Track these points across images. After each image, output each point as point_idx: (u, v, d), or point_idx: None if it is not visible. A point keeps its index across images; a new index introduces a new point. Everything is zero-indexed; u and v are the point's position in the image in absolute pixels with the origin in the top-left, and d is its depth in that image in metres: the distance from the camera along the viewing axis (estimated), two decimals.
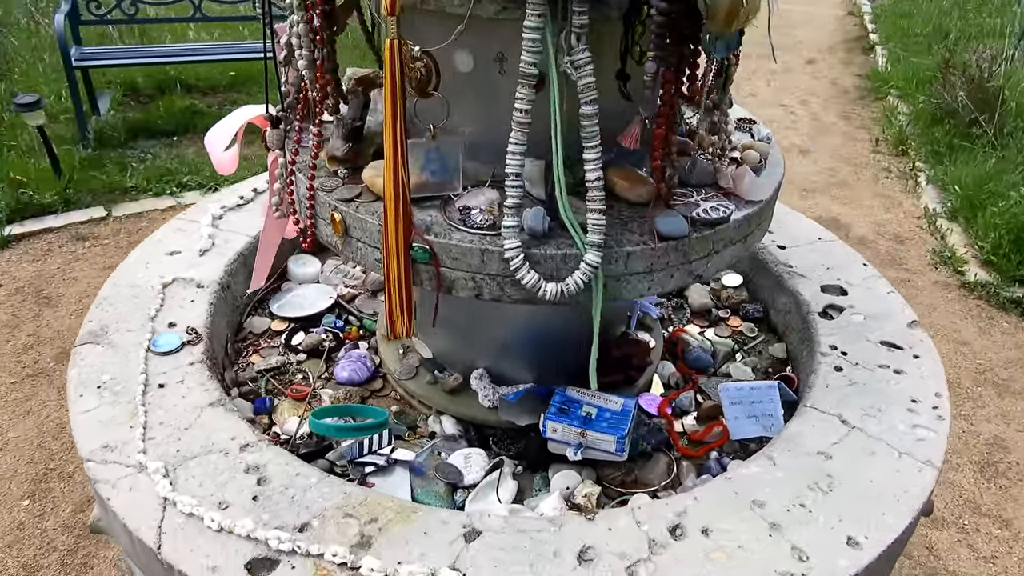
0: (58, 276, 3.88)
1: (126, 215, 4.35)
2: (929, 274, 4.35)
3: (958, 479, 3.00)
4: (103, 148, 4.81)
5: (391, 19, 1.22)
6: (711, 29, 1.21)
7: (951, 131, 5.51)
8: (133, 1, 4.89)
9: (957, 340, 3.82)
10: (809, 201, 5.05)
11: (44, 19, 6.18)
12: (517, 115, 1.26)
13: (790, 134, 5.99)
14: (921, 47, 7.01)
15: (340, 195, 1.44)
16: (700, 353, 2.00)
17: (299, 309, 2.05)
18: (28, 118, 4.18)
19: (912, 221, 4.90)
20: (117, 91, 5.45)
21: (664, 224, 1.37)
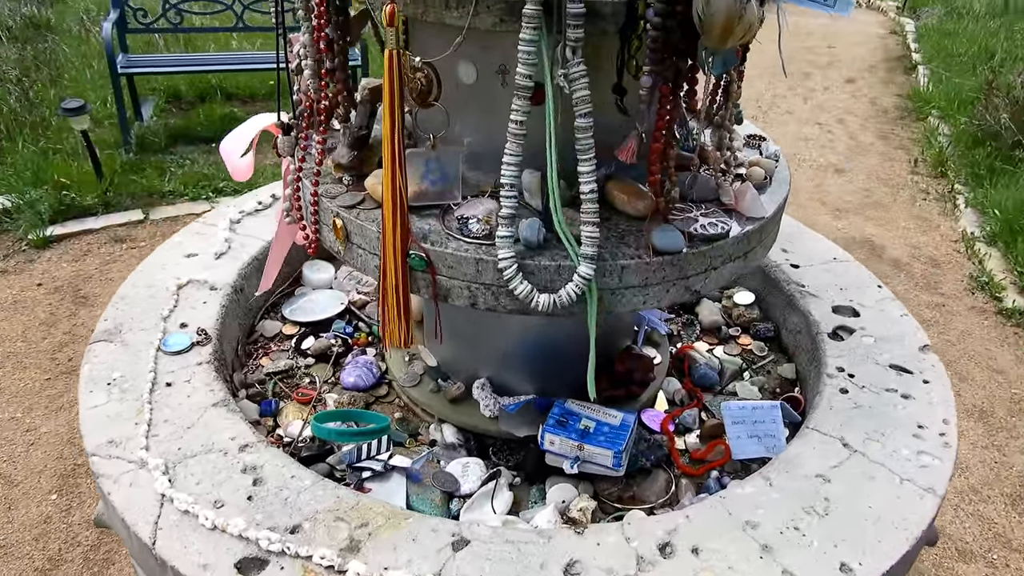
0: (95, 276, 4.00)
1: (163, 218, 4.47)
2: (965, 299, 4.24)
3: (988, 511, 2.90)
4: (144, 153, 4.95)
5: (390, 30, 1.25)
6: (707, 45, 1.21)
7: (992, 153, 5.38)
8: (178, 11, 5.06)
9: (992, 368, 3.71)
10: (842, 221, 4.97)
11: (94, 27, 6.42)
12: (512, 127, 1.27)
13: (826, 152, 5.90)
14: (965, 67, 6.86)
15: (342, 202, 1.47)
16: (707, 371, 1.98)
17: (310, 314, 2.08)
18: (73, 122, 4.34)
19: (949, 244, 4.78)
20: (160, 98, 5.63)
21: (660, 239, 1.37)
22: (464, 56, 1.44)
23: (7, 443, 2.83)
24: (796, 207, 5.08)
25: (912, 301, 4.13)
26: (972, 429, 3.30)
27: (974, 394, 3.49)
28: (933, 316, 4.05)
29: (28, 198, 4.22)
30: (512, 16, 1.23)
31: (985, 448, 3.21)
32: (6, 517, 2.53)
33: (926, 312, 4.07)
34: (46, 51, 6.09)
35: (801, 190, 5.32)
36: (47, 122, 5.07)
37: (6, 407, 3.00)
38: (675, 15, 1.20)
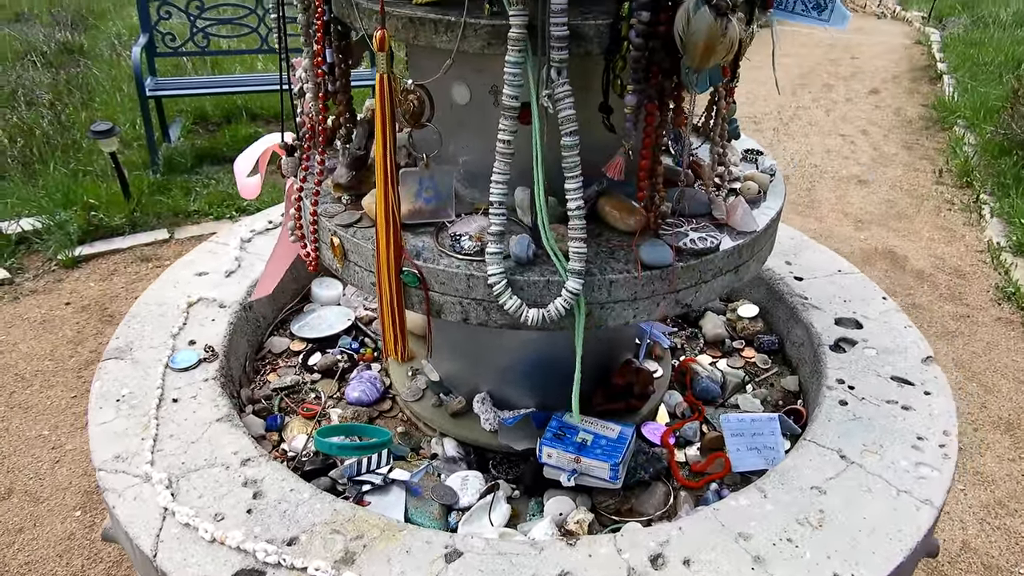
0: (122, 295, 4.10)
1: (187, 237, 4.58)
2: (991, 310, 4.16)
3: (1015, 525, 2.84)
4: (171, 173, 5.09)
5: (380, 55, 1.29)
6: (689, 64, 1.23)
7: (1019, 162, 5.29)
8: (205, 34, 5.20)
9: (1019, 379, 3.64)
10: (864, 232, 4.92)
11: (125, 51, 6.62)
12: (500, 146, 1.31)
13: (848, 164, 5.85)
14: (991, 76, 6.76)
15: (340, 221, 1.51)
16: (709, 384, 1.98)
17: (318, 330, 2.13)
18: (102, 144, 4.47)
19: (974, 255, 4.70)
20: (188, 119, 5.78)
21: (648, 253, 1.39)
22: (457, 77, 1.48)
23: (34, 460, 2.92)
24: (817, 219, 5.04)
25: (936, 312, 4.07)
26: (999, 442, 3.23)
27: (1000, 406, 3.42)
28: (958, 327, 3.98)
29: (58, 219, 4.36)
30: (499, 39, 1.27)
31: (1012, 461, 3.14)
32: (32, 534, 2.60)
33: (951, 323, 4.00)
34: (78, 75, 6.30)
35: (823, 201, 5.27)
36: (78, 144, 5.24)
37: (33, 425, 3.09)
38: (658, 35, 1.23)
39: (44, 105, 5.48)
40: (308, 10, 1.47)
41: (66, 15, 7.44)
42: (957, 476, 3.00)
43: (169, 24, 5.21)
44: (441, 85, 1.45)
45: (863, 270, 4.42)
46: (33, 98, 5.73)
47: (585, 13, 1.29)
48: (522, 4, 1.21)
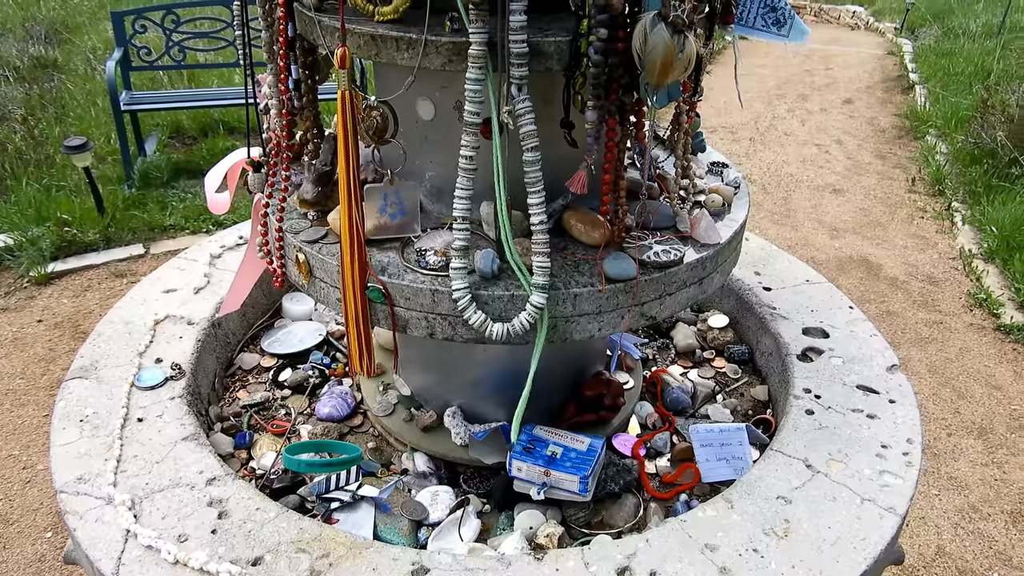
0: (95, 311, 4.06)
1: (163, 252, 4.55)
2: (963, 316, 4.22)
3: (989, 529, 2.87)
4: (146, 188, 5.05)
5: (342, 72, 1.29)
6: (648, 81, 1.24)
7: (989, 171, 5.39)
8: (181, 48, 5.18)
9: (991, 385, 3.69)
10: (839, 241, 4.98)
11: (100, 65, 6.58)
12: (463, 161, 1.31)
13: (824, 173, 5.93)
14: (962, 86, 6.89)
15: (306, 237, 1.51)
16: (679, 394, 1.99)
17: (288, 346, 2.12)
18: (76, 160, 4.43)
19: (947, 262, 4.77)
20: (163, 133, 5.74)
21: (611, 266, 1.40)
22: (422, 93, 1.49)
23: (4, 481, 2.87)
24: (793, 227, 5.10)
25: (910, 319, 4.13)
26: (972, 447, 3.27)
27: (973, 411, 3.47)
28: (931, 333, 4.04)
29: (31, 235, 4.31)
30: (460, 56, 1.28)
31: (985, 466, 3.18)
32: (1, 556, 2.56)
33: (924, 330, 4.06)
34: (52, 90, 6.25)
35: (799, 210, 5.34)
36: (51, 160, 5.19)
37: (3, 444, 3.04)
38: (617, 52, 1.24)
39: (17, 120, 5.42)
40: (271, 28, 1.48)
41: (40, 29, 7.39)
42: (931, 481, 3.03)
43: (144, 38, 5.19)
44: (405, 101, 1.46)
45: (838, 278, 4.50)
46: (6, 113, 5.68)
47: (545, 30, 1.30)
48: (481, 22, 1.22)
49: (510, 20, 1.21)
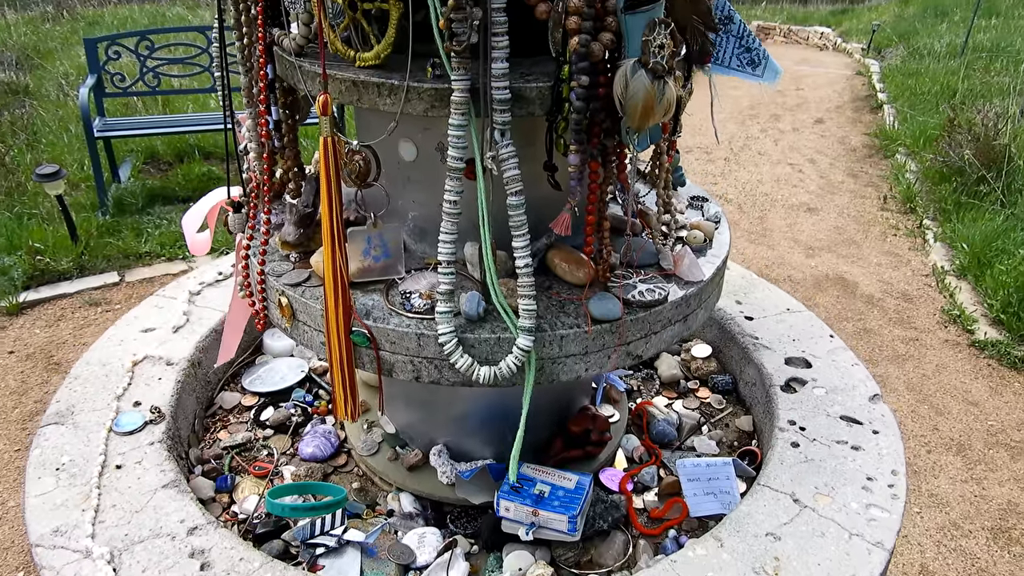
0: (69, 342, 3.98)
1: (139, 280, 4.48)
2: (938, 333, 4.28)
3: (970, 546, 2.90)
4: (121, 214, 4.98)
5: (323, 119, 1.29)
6: (629, 125, 1.25)
7: (958, 188, 5.49)
8: (156, 74, 5.14)
9: (968, 401, 3.74)
10: (815, 259, 5.04)
11: (72, 91, 6.50)
12: (447, 206, 1.31)
13: (798, 192, 6.01)
14: (929, 105, 7.05)
15: (288, 280, 1.49)
16: (665, 426, 1.99)
17: (270, 384, 2.09)
18: (48, 188, 4.37)
19: (920, 279, 4.84)
20: (138, 159, 5.68)
21: (597, 307, 1.40)
22: (404, 135, 1.49)
23: None
24: (769, 247, 5.15)
25: (887, 336, 4.18)
26: (951, 463, 3.31)
27: (951, 427, 3.51)
28: (908, 350, 4.09)
29: (2, 265, 4.23)
30: (442, 102, 1.28)
31: (964, 482, 3.21)
32: None
33: (901, 347, 4.11)
34: (23, 116, 6.16)
35: (775, 229, 5.40)
36: (23, 187, 5.11)
37: None
38: (598, 98, 1.25)
39: None
40: (250, 72, 1.47)
41: (11, 55, 7.29)
42: (913, 499, 3.06)
43: (118, 64, 5.14)
44: (387, 143, 1.46)
45: (815, 296, 4.55)
46: None
47: (527, 75, 1.31)
48: (464, 69, 1.22)
49: (492, 67, 1.21)
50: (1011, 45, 8.04)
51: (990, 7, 9.51)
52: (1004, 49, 7.94)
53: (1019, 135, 5.68)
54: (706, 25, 1.39)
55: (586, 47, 1.18)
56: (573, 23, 1.18)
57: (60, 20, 8.62)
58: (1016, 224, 4.93)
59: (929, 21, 9.78)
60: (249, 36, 1.42)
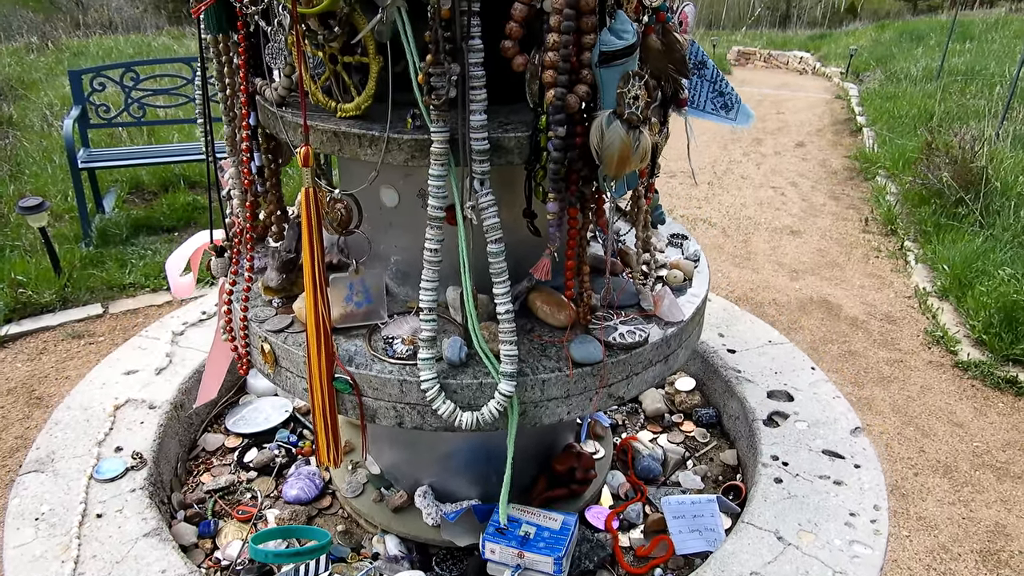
0: (51, 375, 3.94)
1: (122, 311, 4.45)
2: (922, 354, 4.32)
3: (960, 569, 2.91)
4: (105, 245, 4.96)
5: (305, 170, 1.30)
6: (606, 173, 1.27)
7: (938, 211, 5.57)
8: (140, 105, 5.14)
9: (953, 422, 3.77)
10: (799, 282, 5.08)
11: (56, 121, 6.49)
12: (427, 254, 1.32)
13: (780, 215, 6.08)
14: (907, 128, 7.17)
15: (271, 326, 1.49)
16: (650, 462, 2.00)
17: (254, 424, 2.08)
18: (31, 220, 4.34)
19: (903, 300, 4.89)
20: (123, 189, 5.66)
21: (578, 351, 1.41)
22: (386, 181, 1.50)
23: None
24: (753, 270, 5.20)
25: (872, 358, 4.21)
26: (938, 485, 3.32)
27: (938, 449, 3.53)
28: (893, 372, 4.12)
29: None
30: (422, 153, 1.29)
31: (952, 504, 3.22)
32: None
33: (886, 369, 4.14)
34: (6, 147, 6.14)
35: (759, 253, 5.45)
36: (5, 219, 5.08)
37: None
38: (575, 147, 1.27)
39: None
40: (233, 121, 1.48)
41: None
42: (901, 523, 3.07)
43: (103, 95, 5.14)
44: (370, 188, 1.47)
45: (800, 320, 4.58)
46: None
47: (505, 124, 1.33)
48: (443, 121, 1.24)
49: (471, 119, 1.23)
50: (985, 69, 8.21)
51: (964, 32, 9.72)
52: (978, 73, 8.11)
53: (995, 157, 5.78)
54: (680, 72, 1.42)
55: (562, 100, 1.21)
56: (549, 76, 1.20)
57: (45, 51, 8.62)
58: (995, 245, 5.00)
59: (905, 46, 9.98)
60: (232, 87, 1.44)
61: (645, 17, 1.31)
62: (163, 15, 10.44)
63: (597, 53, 1.20)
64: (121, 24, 9.63)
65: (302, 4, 1.21)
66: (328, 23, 1.24)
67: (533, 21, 1.24)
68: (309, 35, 1.26)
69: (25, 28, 9.18)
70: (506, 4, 1.23)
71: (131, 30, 9.79)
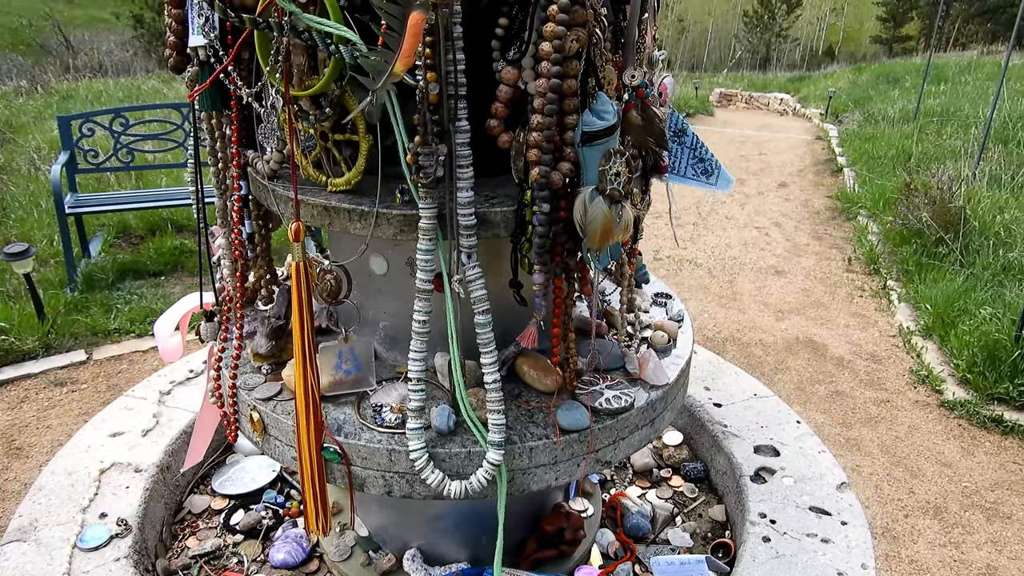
0: (32, 424, 3.89)
1: (107, 358, 4.41)
2: (908, 394, 4.35)
3: None
4: (90, 290, 4.93)
5: (295, 245, 1.32)
6: (589, 246, 1.30)
7: (919, 250, 5.66)
8: (129, 150, 5.16)
9: (941, 462, 3.78)
10: (785, 322, 5.13)
11: (44, 165, 6.50)
12: (416, 325, 1.34)
13: (765, 255, 6.15)
14: (886, 168, 7.31)
15: (259, 394, 1.50)
16: (639, 519, 2.00)
17: (240, 485, 2.06)
18: (16, 266, 4.32)
19: (888, 340, 4.94)
20: (109, 233, 5.65)
21: (565, 418, 1.42)
22: (375, 250, 1.53)
23: None
24: (740, 310, 5.24)
25: (859, 398, 4.23)
26: (929, 527, 3.32)
27: (927, 490, 3.54)
28: (880, 412, 4.14)
29: None
30: (410, 227, 1.32)
31: (943, 546, 3.22)
32: None
33: (873, 409, 4.16)
34: None
35: (744, 293, 5.50)
36: None
37: None
38: (559, 220, 1.30)
39: None
40: (225, 193, 1.50)
41: None
42: (893, 566, 3.06)
43: (92, 140, 5.16)
44: (359, 258, 1.49)
45: (787, 360, 4.62)
46: None
47: (491, 198, 1.36)
48: (431, 197, 1.27)
49: (458, 196, 1.26)
50: (960, 110, 8.42)
51: (938, 74, 9.99)
52: (953, 114, 8.31)
53: (973, 197, 5.90)
54: (659, 145, 1.46)
55: (546, 177, 1.24)
56: (534, 155, 1.24)
57: (34, 95, 8.67)
58: (975, 284, 5.08)
59: (882, 87, 10.23)
60: (224, 160, 1.47)
61: (625, 94, 1.35)
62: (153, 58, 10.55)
63: (580, 133, 1.24)
64: (111, 67, 9.70)
65: (294, 87, 1.25)
66: (319, 103, 1.27)
67: (518, 101, 1.28)
68: (301, 115, 1.29)
69: (15, 72, 9.23)
70: (491, 85, 1.27)
71: (121, 73, 9.87)
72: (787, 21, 34.06)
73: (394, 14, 1.09)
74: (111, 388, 4.13)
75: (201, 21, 1.26)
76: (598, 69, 1.26)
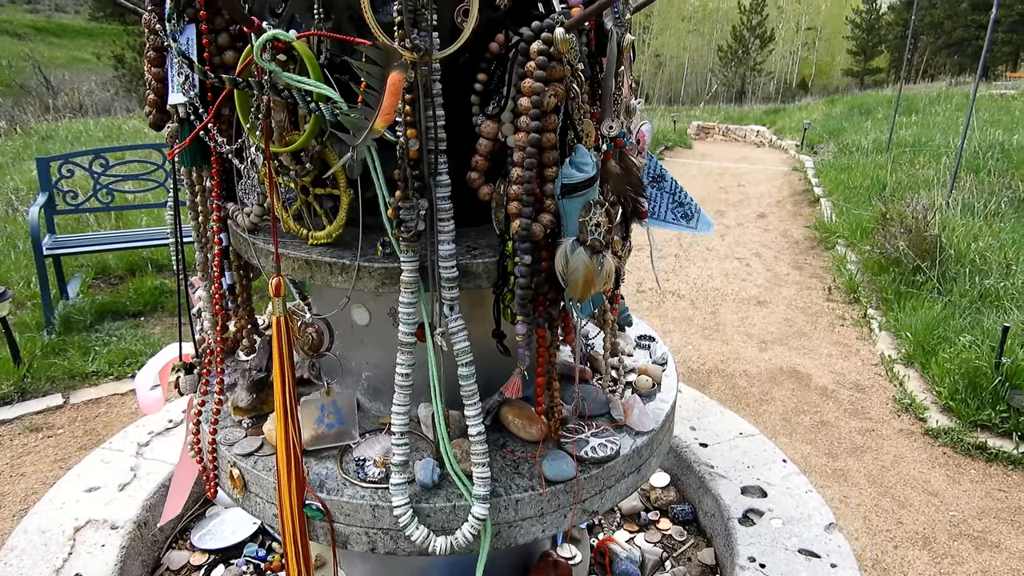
0: (5, 472, 3.79)
1: (84, 401, 4.33)
2: (892, 422, 4.37)
3: None
4: (68, 332, 4.86)
5: (276, 300, 1.31)
6: (571, 296, 1.30)
7: (897, 278, 5.73)
8: (109, 190, 5.13)
9: (927, 491, 3.78)
10: (768, 352, 5.15)
11: (22, 206, 6.44)
12: (399, 379, 1.33)
13: (747, 286, 6.20)
14: (862, 198, 7.44)
15: (240, 450, 1.47)
16: (628, 565, 1.97)
17: (220, 539, 2.01)
18: None
19: (870, 368, 4.97)
20: (88, 274, 5.58)
21: (551, 468, 1.41)
22: (357, 301, 1.52)
23: None
24: (723, 341, 5.26)
25: (843, 428, 4.24)
26: (918, 558, 3.31)
27: (915, 520, 3.53)
28: (865, 442, 4.15)
29: None
30: (392, 280, 1.32)
31: None
32: None
33: (858, 438, 4.16)
34: None
35: (727, 324, 5.53)
36: None
37: None
38: (541, 271, 1.31)
39: None
40: (205, 247, 1.49)
41: None
42: None
43: (71, 182, 5.12)
44: (336, 313, 1.48)
45: (771, 391, 4.63)
46: None
47: (473, 249, 1.36)
48: (412, 251, 1.26)
49: (440, 249, 1.26)
50: (931, 140, 8.62)
51: (909, 106, 10.23)
52: (925, 144, 8.50)
53: (947, 226, 6.00)
54: (638, 193, 1.48)
55: (527, 229, 1.24)
56: (514, 207, 1.24)
57: (13, 135, 8.62)
58: (954, 311, 5.14)
59: (855, 119, 10.45)
60: (204, 213, 1.46)
61: (604, 145, 1.37)
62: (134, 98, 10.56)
63: (559, 185, 1.25)
64: (92, 107, 9.69)
65: (275, 143, 1.25)
66: (300, 158, 1.28)
67: (498, 153, 1.29)
68: (281, 169, 1.29)
69: None
70: (471, 138, 1.28)
71: (101, 113, 9.86)
72: (760, 55, 34.90)
73: (374, 74, 1.10)
74: (88, 433, 4.05)
75: (181, 79, 1.26)
76: (576, 122, 1.28)
